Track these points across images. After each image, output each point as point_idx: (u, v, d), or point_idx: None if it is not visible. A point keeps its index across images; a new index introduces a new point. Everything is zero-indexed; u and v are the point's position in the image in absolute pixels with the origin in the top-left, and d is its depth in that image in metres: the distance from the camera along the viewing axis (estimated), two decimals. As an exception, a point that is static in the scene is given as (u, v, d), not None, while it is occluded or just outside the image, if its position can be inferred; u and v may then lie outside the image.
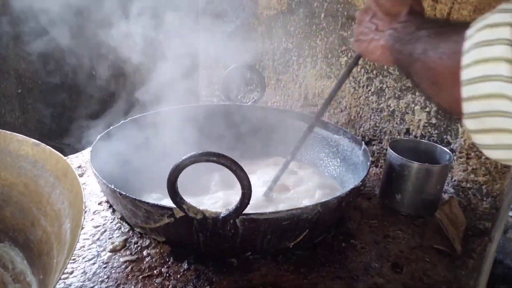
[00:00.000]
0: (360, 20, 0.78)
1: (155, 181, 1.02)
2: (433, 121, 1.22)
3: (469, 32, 0.44)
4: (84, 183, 1.16)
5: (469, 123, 0.45)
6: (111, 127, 1.13)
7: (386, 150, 1.13)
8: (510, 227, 2.91)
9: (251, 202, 0.73)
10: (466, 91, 0.43)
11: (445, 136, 1.21)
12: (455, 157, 1.18)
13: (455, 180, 1.20)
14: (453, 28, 0.51)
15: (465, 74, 0.43)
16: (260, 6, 1.47)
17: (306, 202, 1.04)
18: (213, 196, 1.05)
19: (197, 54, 1.71)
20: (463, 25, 0.46)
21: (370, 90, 1.32)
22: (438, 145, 1.15)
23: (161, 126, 1.19)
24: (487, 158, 1.14)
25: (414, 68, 0.58)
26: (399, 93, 1.26)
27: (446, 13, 1.12)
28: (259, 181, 1.11)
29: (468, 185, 1.18)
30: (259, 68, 1.52)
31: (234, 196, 1.01)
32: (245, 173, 0.71)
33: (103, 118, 1.29)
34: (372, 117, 1.35)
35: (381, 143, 1.36)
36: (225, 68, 1.61)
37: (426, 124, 1.24)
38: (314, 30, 1.38)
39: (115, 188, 0.83)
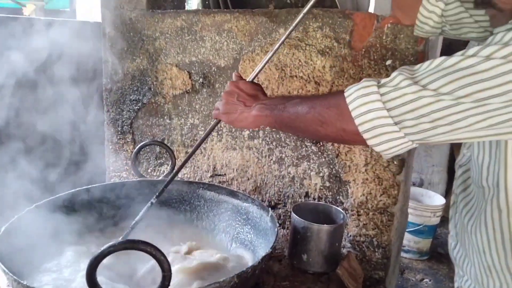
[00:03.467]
0: (227, 101, 1.02)
1: (76, 268, 1.00)
2: (327, 184, 1.39)
3: (347, 93, 0.78)
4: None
5: (365, 135, 0.76)
6: (15, 216, 1.09)
7: (291, 212, 1.26)
8: (406, 267, 3.22)
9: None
10: (358, 120, 0.75)
11: (338, 197, 1.38)
12: (348, 215, 1.35)
13: (350, 236, 1.36)
14: (321, 95, 0.94)
15: (355, 112, 0.75)
16: (166, 86, 1.58)
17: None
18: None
19: (103, 130, 1.73)
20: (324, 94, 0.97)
21: (272, 159, 1.47)
22: (333, 206, 1.31)
23: (71, 210, 1.18)
24: (374, 214, 1.32)
25: (299, 121, 0.87)
26: (297, 161, 1.43)
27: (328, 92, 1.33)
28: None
29: (362, 239, 1.35)
30: (168, 143, 1.59)
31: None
32: (165, 257, 0.75)
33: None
34: (275, 183, 1.48)
35: (286, 206, 1.49)
36: (133, 143, 1.65)
37: (321, 187, 1.40)
38: (218, 107, 1.51)
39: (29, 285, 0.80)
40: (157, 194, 1.12)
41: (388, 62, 1.21)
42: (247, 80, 1.06)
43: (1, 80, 1.34)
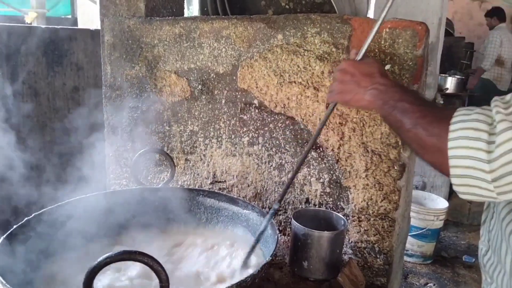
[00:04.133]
0: (342, 79, 1.00)
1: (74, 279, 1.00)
2: (327, 190, 1.38)
3: (452, 127, 0.71)
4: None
5: (454, 180, 0.71)
6: (14, 226, 1.08)
7: (291, 219, 1.25)
8: (409, 271, 3.20)
9: None
10: (452, 162, 0.70)
11: (338, 203, 1.37)
12: (349, 221, 1.34)
13: (352, 242, 1.35)
14: (431, 110, 0.83)
15: (452, 152, 0.70)
16: (165, 94, 1.57)
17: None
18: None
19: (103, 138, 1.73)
20: (437, 108, 0.85)
21: (271, 165, 1.46)
22: (334, 212, 1.30)
23: (72, 219, 1.17)
24: (375, 220, 1.31)
25: (402, 132, 0.85)
26: (297, 167, 1.42)
27: (327, 99, 1.32)
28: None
29: (363, 245, 1.34)
30: (167, 150, 1.58)
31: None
32: (163, 268, 0.75)
33: None
34: (276, 190, 1.47)
35: (286, 212, 1.48)
36: (133, 151, 1.65)
37: (322, 193, 1.39)
38: (217, 114, 1.51)
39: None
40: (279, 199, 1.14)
41: (387, 67, 1.21)
42: (357, 58, 1.02)
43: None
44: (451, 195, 3.92)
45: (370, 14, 2.45)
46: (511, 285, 0.83)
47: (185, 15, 1.94)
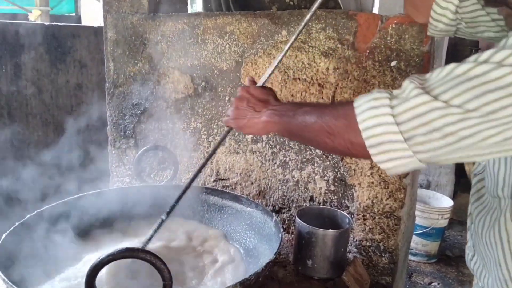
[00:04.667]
0: (237, 106, 1.00)
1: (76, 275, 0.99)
2: (332, 188, 1.37)
3: (356, 103, 0.73)
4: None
5: (371, 150, 0.71)
6: (16, 223, 1.08)
7: (295, 217, 1.23)
8: (413, 270, 3.18)
9: None
10: (365, 133, 0.71)
11: (343, 201, 1.35)
12: (353, 219, 1.33)
13: (356, 240, 1.34)
14: (332, 104, 0.92)
15: (363, 125, 0.71)
16: (168, 90, 1.56)
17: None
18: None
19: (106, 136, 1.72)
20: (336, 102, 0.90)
21: (275, 163, 1.45)
22: (339, 210, 1.29)
23: (75, 215, 1.17)
24: (380, 218, 1.30)
25: (307, 130, 0.84)
26: (301, 164, 1.40)
27: (331, 96, 1.31)
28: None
29: (368, 243, 1.32)
30: (170, 147, 1.57)
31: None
32: (166, 265, 0.74)
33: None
34: (280, 188, 1.46)
35: (290, 210, 1.46)
36: (136, 148, 1.64)
37: (326, 191, 1.38)
38: (221, 111, 1.49)
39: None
40: (168, 210, 1.07)
41: (393, 63, 1.19)
42: (258, 84, 1.02)
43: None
44: (456, 194, 3.90)
45: (375, 9, 2.43)
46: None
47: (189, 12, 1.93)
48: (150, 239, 1.03)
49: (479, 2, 0.92)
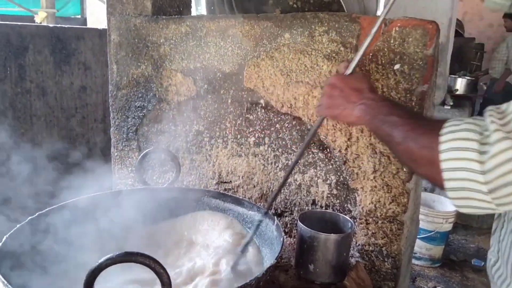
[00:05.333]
0: (330, 94, 0.99)
1: (75, 280, 0.98)
2: (334, 192, 1.36)
3: (442, 138, 0.69)
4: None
5: (449, 194, 0.69)
6: (18, 225, 1.08)
7: (297, 221, 1.23)
8: (417, 275, 3.16)
9: None
10: (446, 175, 0.68)
11: (346, 205, 1.34)
12: (356, 224, 1.32)
13: (359, 245, 1.32)
14: (420, 122, 0.82)
15: (445, 164, 0.68)
16: (170, 93, 1.56)
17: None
18: None
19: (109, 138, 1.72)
20: (425, 120, 0.88)
21: (278, 166, 1.44)
22: (341, 214, 1.27)
23: (77, 218, 1.17)
24: (383, 223, 1.29)
25: (392, 146, 0.84)
26: (303, 168, 1.40)
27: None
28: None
29: (370, 248, 1.31)
30: (173, 150, 1.57)
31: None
32: (165, 269, 0.73)
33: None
34: (282, 191, 1.45)
35: (292, 214, 1.46)
36: (139, 150, 1.64)
37: (329, 195, 1.37)
38: (223, 114, 1.49)
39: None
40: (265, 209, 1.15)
41: (397, 67, 1.18)
42: (347, 72, 1.01)
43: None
44: (461, 197, 3.87)
45: (379, 13, 2.42)
46: None
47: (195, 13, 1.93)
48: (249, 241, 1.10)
49: None
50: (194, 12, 2.01)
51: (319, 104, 1.04)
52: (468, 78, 5.19)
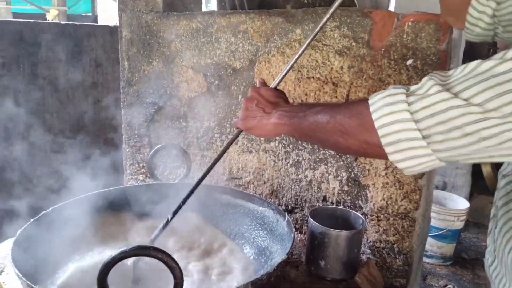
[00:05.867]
0: (247, 107, 0.98)
1: (88, 272, 1.00)
2: (345, 188, 1.35)
3: (371, 100, 0.71)
4: (3, 282, 1.09)
5: (387, 149, 0.68)
6: (31, 220, 1.09)
7: (308, 217, 1.22)
8: (428, 273, 3.13)
9: None
10: (381, 131, 0.68)
11: (357, 202, 1.34)
12: (367, 220, 1.31)
13: (370, 242, 1.32)
14: (344, 103, 0.87)
15: (378, 122, 0.68)
16: (181, 89, 1.56)
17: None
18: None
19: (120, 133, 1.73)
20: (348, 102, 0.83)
21: (288, 162, 1.44)
22: (352, 211, 1.27)
23: (88, 212, 1.18)
24: (395, 219, 1.28)
25: (319, 130, 0.82)
26: (314, 164, 1.39)
27: (346, 94, 1.29)
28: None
29: (382, 245, 1.30)
30: (183, 146, 1.57)
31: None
32: (177, 264, 0.73)
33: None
34: (292, 187, 1.45)
35: (303, 210, 1.45)
36: (150, 146, 1.65)
37: (340, 191, 1.36)
38: (234, 110, 1.49)
39: (40, 290, 0.80)
40: (174, 210, 1.09)
41: (409, 62, 1.17)
42: (270, 86, 1.01)
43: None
44: (472, 195, 3.82)
45: (391, 8, 2.40)
46: None
47: (205, 9, 1.93)
48: (156, 236, 1.04)
49: None
50: (204, 9, 2.01)
51: (237, 116, 1.03)
52: (481, 74, 5.12)
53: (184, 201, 1.06)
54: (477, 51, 6.44)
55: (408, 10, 1.19)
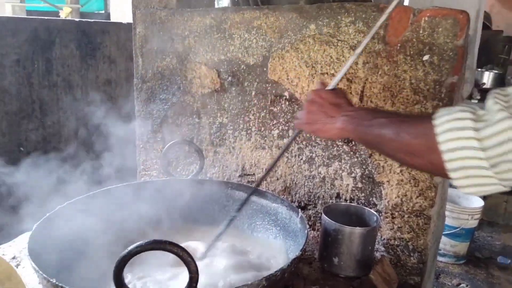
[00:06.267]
0: (310, 110, 0.99)
1: (103, 267, 1.01)
2: (359, 185, 1.34)
3: (436, 122, 0.70)
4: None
5: (452, 174, 0.69)
6: (47, 214, 1.10)
7: (321, 214, 1.22)
8: (441, 271, 3.10)
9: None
10: (447, 156, 0.68)
11: (371, 199, 1.33)
12: (381, 218, 1.30)
13: (384, 239, 1.31)
14: (408, 117, 0.89)
15: (444, 146, 0.68)
16: (194, 85, 1.57)
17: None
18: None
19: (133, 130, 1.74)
20: (413, 115, 0.95)
21: (301, 159, 1.43)
22: (366, 208, 1.26)
23: (104, 208, 1.19)
24: (409, 217, 1.27)
25: (384, 145, 0.83)
26: (327, 161, 1.38)
27: (360, 91, 1.28)
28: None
29: (396, 242, 1.29)
30: (196, 142, 1.58)
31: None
32: (192, 258, 0.74)
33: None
34: (305, 184, 1.44)
35: (316, 207, 1.45)
36: (163, 142, 1.66)
37: (353, 188, 1.35)
38: (247, 106, 1.49)
39: (58, 284, 0.81)
40: (239, 206, 1.17)
41: (426, 58, 1.16)
42: (328, 87, 1.01)
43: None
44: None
45: (406, 2, 2.37)
46: None
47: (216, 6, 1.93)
48: (220, 234, 1.12)
49: None
50: (216, 5, 2.01)
51: (297, 117, 1.04)
52: (496, 72, 5.04)
53: (247, 199, 1.16)
54: (492, 48, 6.33)
55: (422, 6, 1.18)
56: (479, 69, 4.88)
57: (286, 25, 1.36)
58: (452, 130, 0.67)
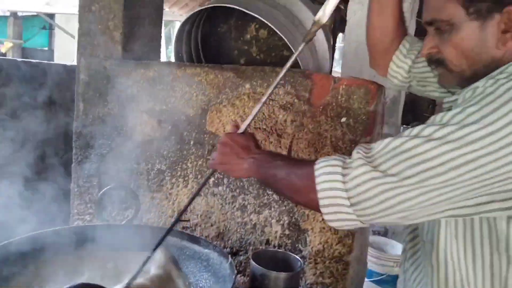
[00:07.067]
0: (222, 152, 1.09)
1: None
2: (287, 232, 1.44)
3: (316, 166, 0.85)
4: None
5: (323, 209, 0.83)
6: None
7: (250, 260, 1.29)
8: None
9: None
10: (320, 194, 0.82)
11: (297, 245, 1.43)
12: (306, 263, 1.40)
13: (308, 283, 1.40)
14: (300, 162, 1.11)
15: (319, 186, 0.83)
16: (135, 132, 1.63)
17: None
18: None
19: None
20: (304, 160, 1.20)
21: (235, 206, 1.52)
22: (292, 254, 1.35)
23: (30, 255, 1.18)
24: (330, 262, 1.38)
25: (277, 184, 0.97)
26: (259, 208, 1.48)
27: (289, 145, 1.42)
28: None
29: (318, 287, 1.39)
30: (134, 187, 1.61)
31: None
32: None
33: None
34: (238, 230, 1.52)
35: (247, 253, 1.52)
36: (99, 187, 1.67)
37: (281, 235, 1.45)
38: (185, 154, 1.57)
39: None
40: (154, 247, 1.18)
41: (343, 120, 1.32)
42: (239, 131, 1.12)
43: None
44: (412, 242, 4.02)
45: (339, 68, 2.62)
46: None
47: (165, 54, 2.03)
48: (135, 276, 1.11)
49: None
50: (164, 50, 2.12)
51: (212, 158, 1.14)
52: (420, 128, 5.51)
53: (161, 240, 1.18)
54: (418, 107, 6.97)
55: (353, 73, 1.36)
56: (405, 126, 5.34)
57: (224, 83, 1.49)
58: (325, 174, 0.82)
